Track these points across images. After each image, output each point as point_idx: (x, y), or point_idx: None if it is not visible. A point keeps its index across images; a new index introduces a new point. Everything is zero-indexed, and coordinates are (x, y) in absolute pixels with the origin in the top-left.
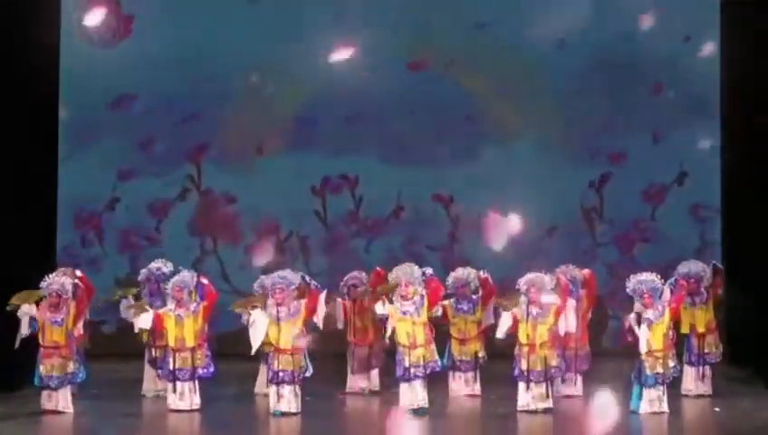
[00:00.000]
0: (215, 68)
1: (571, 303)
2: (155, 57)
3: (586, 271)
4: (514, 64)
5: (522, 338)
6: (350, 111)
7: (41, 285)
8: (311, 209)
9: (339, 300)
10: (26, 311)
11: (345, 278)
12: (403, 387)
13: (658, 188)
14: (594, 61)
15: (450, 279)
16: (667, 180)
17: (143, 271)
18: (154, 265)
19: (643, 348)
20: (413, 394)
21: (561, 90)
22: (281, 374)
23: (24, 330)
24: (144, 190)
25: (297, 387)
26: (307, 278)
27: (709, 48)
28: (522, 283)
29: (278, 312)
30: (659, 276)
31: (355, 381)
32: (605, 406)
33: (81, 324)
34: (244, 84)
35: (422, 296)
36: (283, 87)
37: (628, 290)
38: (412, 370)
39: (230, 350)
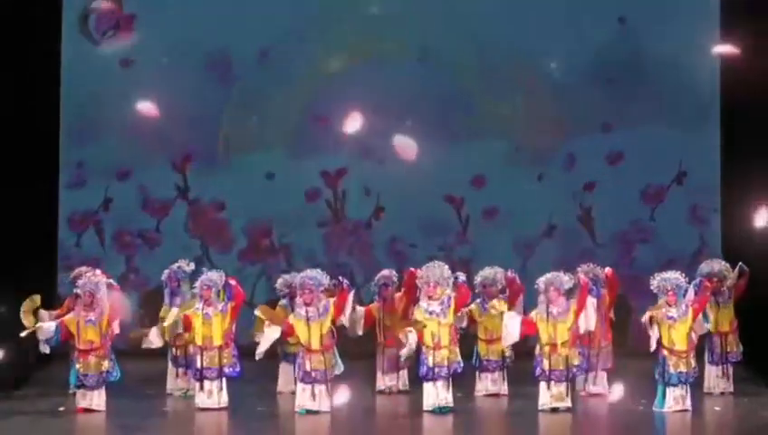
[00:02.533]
0: (215, 67)
1: (591, 301)
2: (156, 56)
3: (608, 269)
4: (514, 64)
5: (543, 338)
6: (347, 111)
7: (77, 284)
8: (306, 210)
9: (359, 308)
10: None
11: (376, 277)
12: (426, 387)
13: (657, 189)
14: (593, 61)
15: (477, 278)
16: (665, 180)
17: (166, 271)
18: (176, 264)
19: (653, 346)
20: (436, 394)
21: (561, 89)
22: (313, 374)
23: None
24: (143, 190)
25: (329, 385)
26: (341, 278)
27: (709, 47)
28: (540, 282)
29: (307, 312)
30: (684, 275)
31: (384, 381)
32: (628, 404)
33: (116, 323)
34: (244, 84)
35: (449, 297)
36: (283, 86)
37: (652, 287)
38: (436, 369)
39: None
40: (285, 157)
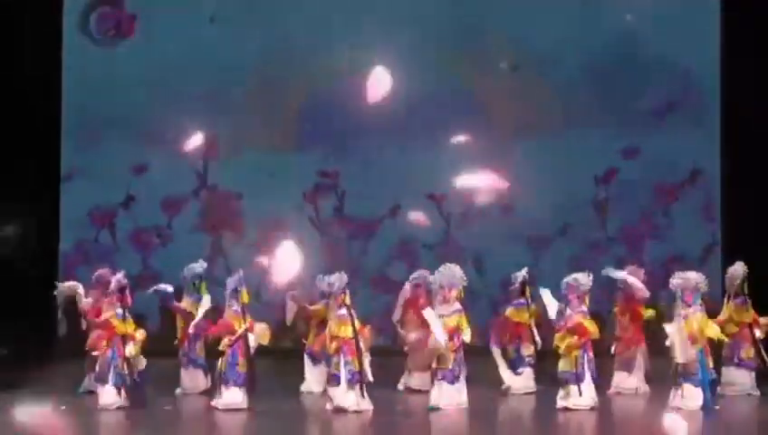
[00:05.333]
0: (218, 66)
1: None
2: (159, 55)
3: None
4: (524, 61)
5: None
6: (351, 111)
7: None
8: (308, 209)
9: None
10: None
11: (412, 276)
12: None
13: (671, 186)
14: (605, 57)
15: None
16: (679, 178)
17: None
18: (191, 265)
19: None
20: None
21: (574, 86)
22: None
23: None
24: (156, 187)
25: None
26: None
27: (713, 46)
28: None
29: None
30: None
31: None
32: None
33: None
34: (247, 83)
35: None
36: (286, 84)
37: (671, 286)
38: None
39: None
40: (291, 155)
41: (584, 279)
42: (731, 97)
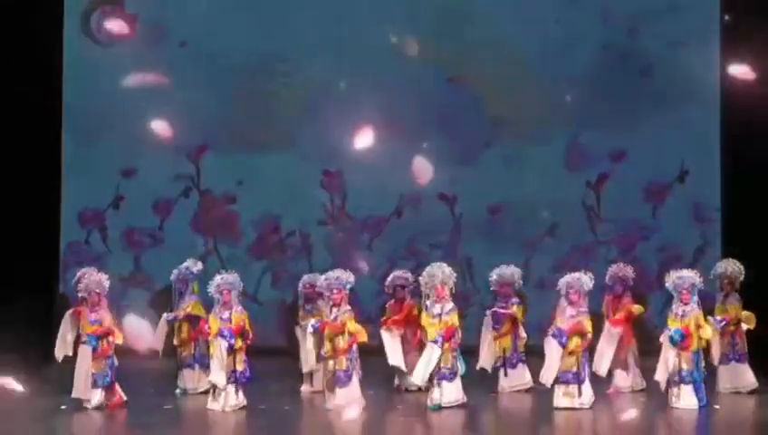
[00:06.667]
0: (218, 65)
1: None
2: (159, 54)
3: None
4: (514, 63)
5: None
6: (354, 108)
7: (78, 288)
8: (313, 206)
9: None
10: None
11: (390, 278)
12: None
13: (660, 187)
14: (594, 58)
15: (493, 276)
16: (668, 178)
17: (174, 271)
18: (184, 264)
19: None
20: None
21: (569, 86)
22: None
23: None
24: (148, 188)
25: None
26: None
27: (711, 45)
28: (561, 284)
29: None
30: (698, 274)
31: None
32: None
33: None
34: (247, 81)
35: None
36: (286, 84)
37: (667, 286)
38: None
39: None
40: (297, 154)
41: (586, 279)
42: (731, 97)
